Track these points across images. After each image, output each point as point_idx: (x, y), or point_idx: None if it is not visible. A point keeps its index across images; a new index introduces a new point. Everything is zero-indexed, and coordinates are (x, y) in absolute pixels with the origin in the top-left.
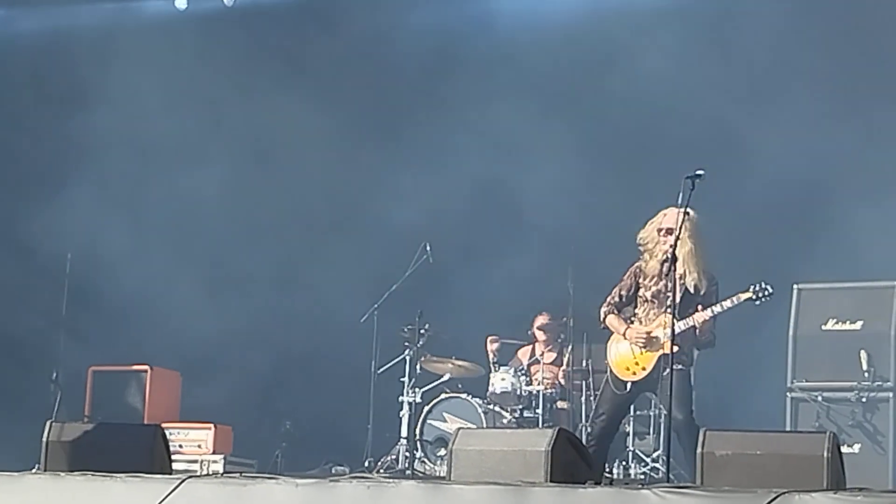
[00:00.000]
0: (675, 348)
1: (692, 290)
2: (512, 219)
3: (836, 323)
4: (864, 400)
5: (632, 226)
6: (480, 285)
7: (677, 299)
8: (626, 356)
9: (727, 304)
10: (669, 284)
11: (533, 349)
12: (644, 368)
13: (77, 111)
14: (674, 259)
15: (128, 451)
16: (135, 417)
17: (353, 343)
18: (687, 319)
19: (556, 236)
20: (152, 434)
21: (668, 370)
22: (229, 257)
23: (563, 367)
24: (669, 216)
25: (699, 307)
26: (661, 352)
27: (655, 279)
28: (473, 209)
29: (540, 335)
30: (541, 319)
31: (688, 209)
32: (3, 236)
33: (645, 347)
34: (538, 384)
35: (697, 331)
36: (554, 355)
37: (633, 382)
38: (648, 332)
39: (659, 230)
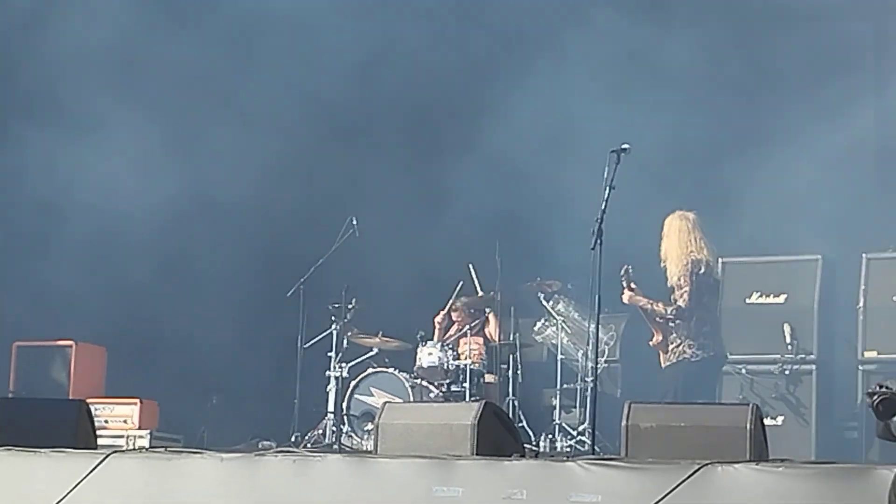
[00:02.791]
0: None
1: None
2: (436, 194)
3: (760, 296)
4: (787, 372)
5: (559, 199)
6: (407, 260)
7: None
8: None
9: None
10: None
11: (450, 322)
12: None
13: None
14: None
15: (52, 426)
16: (60, 392)
17: (279, 318)
18: None
19: (484, 211)
20: (77, 409)
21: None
22: (153, 231)
23: (486, 340)
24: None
25: None
26: None
27: None
28: (398, 184)
29: (454, 315)
30: (456, 304)
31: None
32: None
33: None
34: (465, 358)
35: None
36: (470, 333)
37: None
38: None
39: None
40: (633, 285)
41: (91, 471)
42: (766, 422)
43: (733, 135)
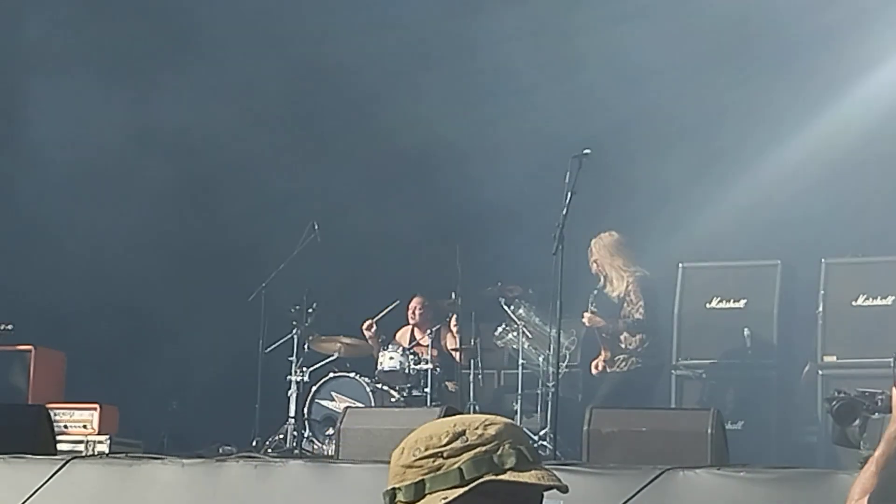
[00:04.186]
0: None
1: None
2: (399, 195)
3: (720, 301)
4: (747, 377)
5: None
6: (368, 265)
7: None
8: None
9: None
10: None
11: (412, 331)
12: None
13: None
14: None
15: (11, 431)
16: (19, 398)
17: (240, 322)
18: None
19: (445, 215)
20: (36, 414)
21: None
22: (111, 236)
23: (442, 345)
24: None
25: None
26: None
27: None
28: (360, 186)
29: (412, 318)
30: (414, 303)
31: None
32: None
33: None
34: (426, 363)
35: None
36: (430, 339)
37: None
38: None
39: None
40: (594, 308)
41: (51, 476)
42: (727, 426)
43: (689, 138)
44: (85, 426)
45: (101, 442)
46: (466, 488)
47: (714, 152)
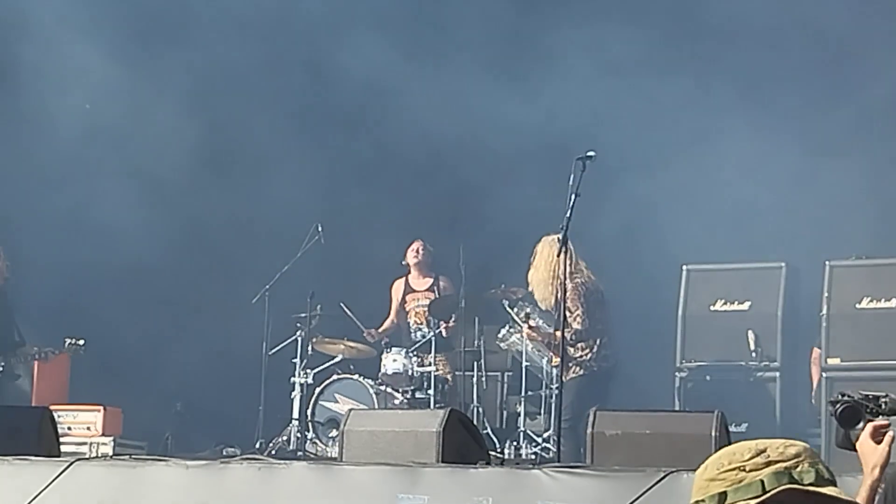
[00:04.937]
0: None
1: None
2: (400, 200)
3: (725, 303)
4: (751, 380)
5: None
6: (373, 266)
7: None
8: None
9: None
10: None
11: (406, 280)
12: None
13: None
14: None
15: (15, 433)
16: (22, 399)
17: (244, 324)
18: None
19: (449, 217)
20: (40, 416)
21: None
22: (116, 238)
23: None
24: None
25: None
26: None
27: None
28: (362, 187)
29: (412, 260)
30: (416, 244)
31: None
32: None
33: None
34: (429, 365)
35: None
36: (429, 281)
37: None
38: None
39: None
40: (531, 323)
41: (55, 478)
42: (731, 429)
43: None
44: (89, 428)
45: (104, 444)
46: (765, 496)
47: (717, 152)
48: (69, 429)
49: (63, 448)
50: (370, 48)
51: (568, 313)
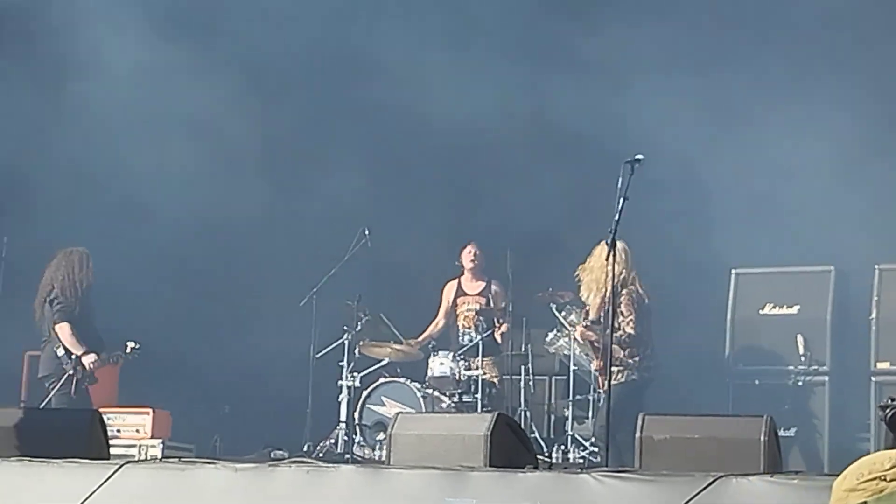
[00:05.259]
0: None
1: None
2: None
3: (774, 307)
4: (800, 384)
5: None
6: (419, 270)
7: None
8: None
9: None
10: None
11: (459, 282)
12: None
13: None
14: None
15: (65, 436)
16: (73, 403)
17: (291, 327)
18: None
19: (496, 220)
20: (90, 419)
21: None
22: (168, 244)
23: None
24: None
25: None
26: None
27: None
28: (410, 193)
29: (468, 263)
30: (470, 247)
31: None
32: None
33: None
34: (477, 369)
35: None
36: (482, 285)
37: None
38: None
39: None
40: (585, 322)
41: (105, 481)
42: (780, 433)
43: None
44: (138, 430)
45: (153, 446)
46: None
47: (766, 156)
48: (118, 431)
49: (112, 451)
50: (419, 47)
51: (621, 317)
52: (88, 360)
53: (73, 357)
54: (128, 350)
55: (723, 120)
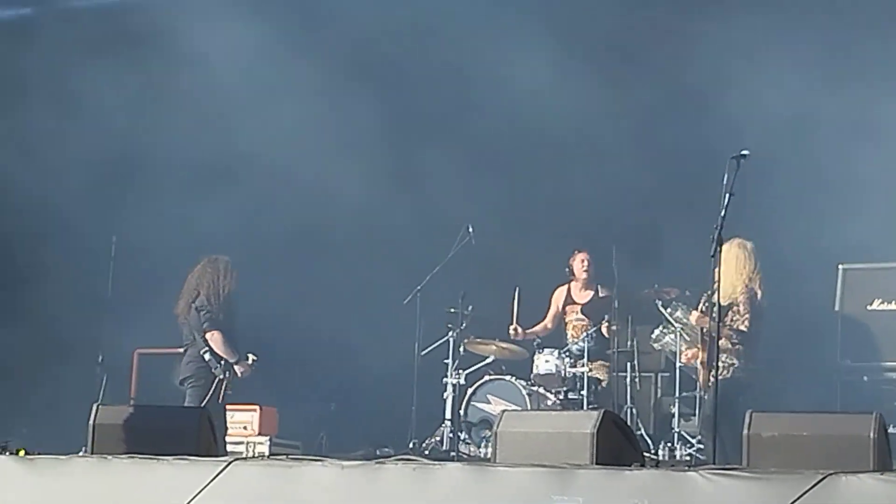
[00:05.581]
0: None
1: None
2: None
3: (882, 303)
4: None
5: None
6: (524, 267)
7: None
8: None
9: None
10: None
11: (569, 289)
12: None
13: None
14: None
15: (174, 433)
16: (180, 400)
17: (396, 325)
18: None
19: (601, 217)
20: (198, 416)
21: None
22: (271, 242)
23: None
24: None
25: None
26: None
27: None
28: (513, 191)
29: (580, 273)
30: (581, 255)
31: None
32: (50, 219)
33: None
34: (582, 366)
35: None
36: (590, 294)
37: None
38: None
39: None
40: (703, 308)
41: (214, 478)
42: (890, 430)
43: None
44: (245, 427)
45: (260, 443)
46: None
47: (870, 147)
48: (226, 428)
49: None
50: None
51: (737, 315)
52: (240, 368)
53: (223, 362)
54: (249, 361)
55: (830, 115)
